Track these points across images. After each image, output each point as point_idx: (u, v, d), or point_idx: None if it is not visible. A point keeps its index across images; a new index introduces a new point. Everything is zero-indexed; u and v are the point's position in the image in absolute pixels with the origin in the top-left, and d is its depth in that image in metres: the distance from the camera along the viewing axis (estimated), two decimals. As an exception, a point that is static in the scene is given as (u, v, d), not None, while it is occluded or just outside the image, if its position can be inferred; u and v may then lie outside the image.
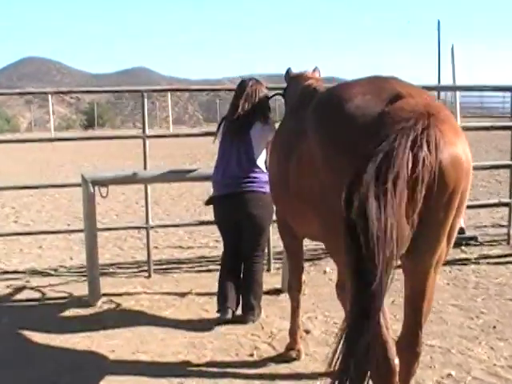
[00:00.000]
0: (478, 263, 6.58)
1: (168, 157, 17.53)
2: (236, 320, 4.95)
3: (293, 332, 4.31)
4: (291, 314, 4.36)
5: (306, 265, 6.29)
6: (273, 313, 5.17)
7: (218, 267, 6.38)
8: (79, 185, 5.42)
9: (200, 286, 5.88)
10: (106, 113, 48.77)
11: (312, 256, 6.82)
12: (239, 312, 5.01)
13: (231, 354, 4.38)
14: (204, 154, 18.99)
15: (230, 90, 6.17)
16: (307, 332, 4.72)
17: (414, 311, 2.86)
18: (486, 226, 8.44)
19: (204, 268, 6.59)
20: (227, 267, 5.07)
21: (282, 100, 4.67)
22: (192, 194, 11.64)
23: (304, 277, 4.48)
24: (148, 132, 6.18)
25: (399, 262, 2.61)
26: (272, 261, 6.43)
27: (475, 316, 5.02)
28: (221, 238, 7.87)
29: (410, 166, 2.31)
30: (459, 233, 7.06)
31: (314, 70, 4.46)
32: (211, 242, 7.87)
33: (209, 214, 9.64)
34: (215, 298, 5.36)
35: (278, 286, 5.83)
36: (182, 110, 65.00)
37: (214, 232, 8.09)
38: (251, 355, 4.35)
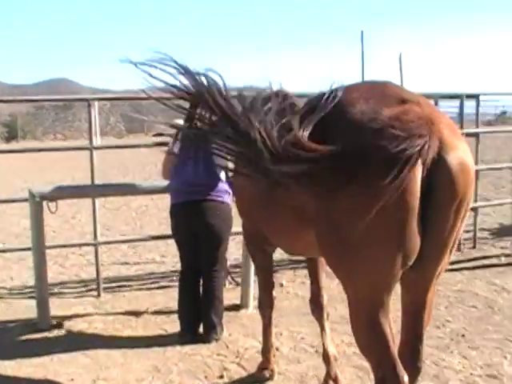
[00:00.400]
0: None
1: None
2: (198, 339, 4.70)
3: (266, 351, 4.10)
4: (263, 332, 4.14)
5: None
6: (235, 330, 4.94)
7: (170, 283, 6.21)
8: (25, 200, 5.02)
9: (154, 304, 5.58)
10: (27, 124, 47.03)
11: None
12: (201, 330, 4.77)
13: (199, 376, 4.12)
14: (135, 165, 18.59)
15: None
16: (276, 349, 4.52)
17: (415, 324, 2.73)
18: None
19: (155, 285, 6.28)
20: (186, 283, 4.81)
21: None
22: (130, 208, 11.24)
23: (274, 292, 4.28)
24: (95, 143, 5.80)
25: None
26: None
27: (441, 324, 4.98)
28: (166, 253, 7.84)
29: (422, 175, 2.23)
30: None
31: None
32: (157, 257, 7.57)
33: (150, 227, 9.48)
34: (172, 317, 5.12)
35: (237, 301, 5.60)
36: (104, 122, 63.62)
37: (159, 246, 7.86)
38: (221, 377, 4.11)
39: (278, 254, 6.96)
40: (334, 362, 3.86)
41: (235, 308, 5.49)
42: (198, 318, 4.79)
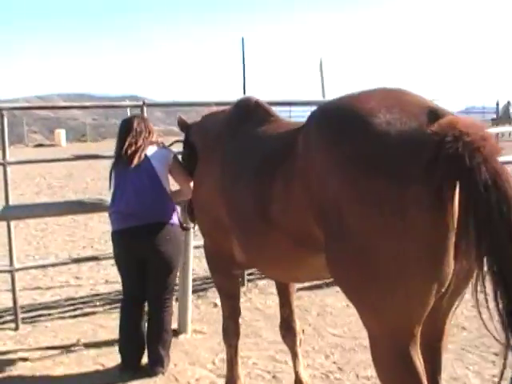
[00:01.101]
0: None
1: None
2: (142, 373, 4.27)
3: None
4: (228, 363, 3.79)
5: (193, 297, 5.75)
6: (179, 359, 4.54)
7: (94, 309, 5.69)
8: None
9: (83, 335, 5.05)
10: None
11: (196, 287, 6.25)
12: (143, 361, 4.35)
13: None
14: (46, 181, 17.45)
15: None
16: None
17: (434, 355, 2.50)
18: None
19: (78, 312, 5.71)
20: (129, 312, 4.36)
21: None
22: (28, 225, 10.38)
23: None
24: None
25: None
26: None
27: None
28: (79, 274, 7.23)
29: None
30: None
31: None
32: (71, 279, 6.95)
33: (55, 245, 8.75)
34: (106, 349, 4.66)
35: (173, 325, 5.19)
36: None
37: (70, 267, 7.23)
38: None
39: (204, 271, 6.66)
40: (310, 393, 3.60)
41: (173, 333, 5.07)
42: (142, 349, 4.36)
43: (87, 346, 4.81)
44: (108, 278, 6.85)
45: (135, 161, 4.15)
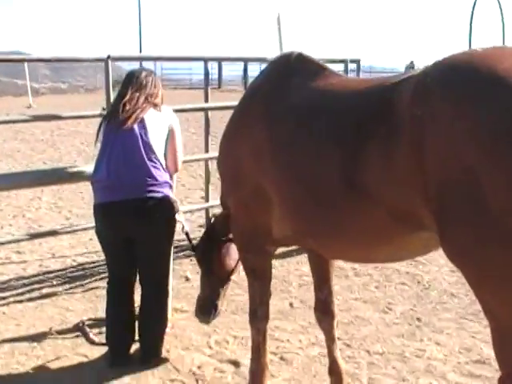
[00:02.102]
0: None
1: None
2: (134, 363, 3.82)
3: (257, 374, 3.36)
4: (254, 351, 3.37)
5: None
6: (169, 343, 4.08)
7: (54, 289, 5.09)
8: None
9: (51, 321, 4.47)
10: None
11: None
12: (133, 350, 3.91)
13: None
14: None
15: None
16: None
17: None
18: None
19: (37, 293, 5.06)
20: (116, 297, 3.85)
21: None
22: None
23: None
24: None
25: None
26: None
27: (386, 308, 4.69)
28: (20, 248, 6.41)
29: None
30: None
31: None
32: (12, 255, 6.19)
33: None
34: (85, 336, 4.15)
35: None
36: None
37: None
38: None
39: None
40: (347, 380, 3.32)
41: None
42: (133, 337, 3.90)
43: (61, 333, 4.27)
44: (54, 251, 6.18)
45: (130, 121, 3.57)
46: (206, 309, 3.75)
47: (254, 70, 35.70)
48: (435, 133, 2.01)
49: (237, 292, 5.06)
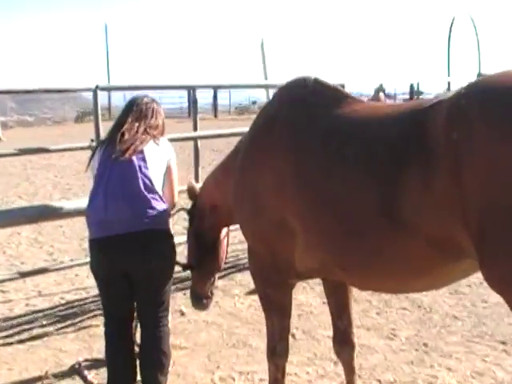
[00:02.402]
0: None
1: None
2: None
3: None
4: None
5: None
6: (173, 382, 3.93)
7: (42, 330, 4.86)
8: None
9: (45, 364, 4.27)
10: None
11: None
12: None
13: None
14: None
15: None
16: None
17: None
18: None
19: (26, 335, 4.83)
20: (116, 339, 3.64)
21: None
22: None
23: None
24: None
25: None
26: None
27: (391, 334, 4.60)
28: (5, 287, 6.14)
29: None
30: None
31: None
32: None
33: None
34: (83, 379, 3.98)
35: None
36: None
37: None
38: None
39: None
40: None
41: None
42: (135, 378, 3.71)
43: (57, 376, 4.07)
44: (39, 289, 5.95)
45: (129, 152, 3.40)
46: (200, 299, 3.86)
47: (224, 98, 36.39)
48: (473, 156, 1.95)
49: (235, 324, 4.93)
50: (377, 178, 2.29)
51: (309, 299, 5.46)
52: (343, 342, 3.27)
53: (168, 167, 3.63)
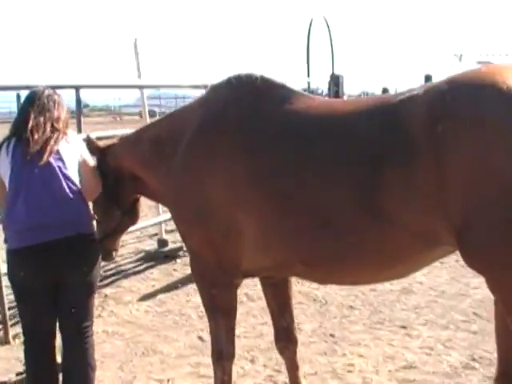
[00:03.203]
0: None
1: None
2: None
3: None
4: None
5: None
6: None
7: None
8: None
9: None
10: None
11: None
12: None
13: None
14: None
15: None
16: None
17: None
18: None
19: None
20: (39, 355, 3.32)
21: None
22: None
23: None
24: None
25: None
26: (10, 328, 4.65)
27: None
28: None
29: None
30: (163, 246, 6.62)
31: None
32: None
33: None
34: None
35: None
36: None
37: None
38: None
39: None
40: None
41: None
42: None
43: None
44: None
45: (46, 155, 3.12)
46: (111, 252, 3.66)
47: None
48: (460, 148, 2.08)
49: (138, 332, 4.74)
50: (354, 173, 2.33)
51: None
52: (287, 339, 3.30)
53: (83, 160, 3.39)
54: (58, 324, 3.38)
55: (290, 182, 2.53)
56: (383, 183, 2.25)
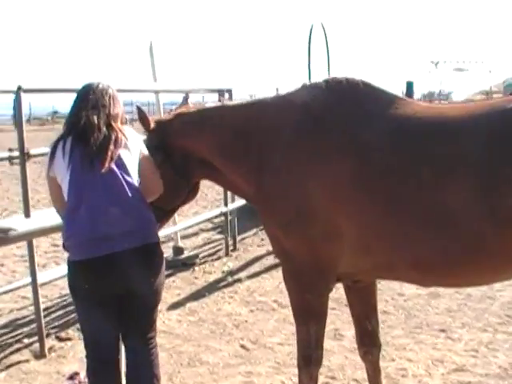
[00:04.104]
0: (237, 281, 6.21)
1: None
2: None
3: None
4: None
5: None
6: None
7: None
8: None
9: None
10: None
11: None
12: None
13: None
14: None
15: None
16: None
17: None
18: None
19: None
20: (104, 373, 3.25)
21: None
22: None
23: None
24: None
25: None
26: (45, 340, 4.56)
27: (338, 335, 4.72)
28: None
29: None
30: (179, 254, 6.60)
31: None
32: None
33: None
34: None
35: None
36: None
37: None
38: None
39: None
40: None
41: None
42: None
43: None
44: None
45: (107, 162, 2.99)
46: None
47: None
48: None
49: (176, 342, 4.69)
50: (476, 178, 2.38)
51: (235, 309, 5.39)
52: (371, 343, 3.28)
53: (143, 159, 3.28)
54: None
55: (403, 182, 2.55)
56: (505, 185, 2.32)
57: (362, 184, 2.64)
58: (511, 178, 2.32)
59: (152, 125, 3.31)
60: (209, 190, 11.48)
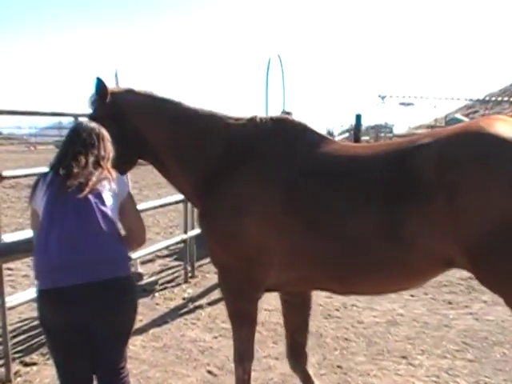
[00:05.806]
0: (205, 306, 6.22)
1: None
2: None
3: None
4: None
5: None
6: None
7: None
8: None
9: None
10: None
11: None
12: None
13: None
14: None
15: None
16: None
17: None
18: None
19: None
20: None
21: None
22: None
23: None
24: None
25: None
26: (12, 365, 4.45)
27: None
28: None
29: None
30: (139, 280, 6.59)
31: None
32: None
33: None
34: None
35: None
36: None
37: None
38: None
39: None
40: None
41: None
42: None
43: None
44: None
45: (87, 190, 3.01)
46: None
47: None
48: (469, 193, 2.60)
49: (143, 368, 4.67)
50: (379, 208, 2.83)
51: (199, 335, 5.40)
52: (300, 355, 3.74)
53: (127, 201, 3.31)
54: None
55: (323, 212, 3.00)
56: (404, 218, 2.75)
57: (289, 213, 3.09)
58: (407, 211, 2.75)
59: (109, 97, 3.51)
60: (161, 216, 11.49)
